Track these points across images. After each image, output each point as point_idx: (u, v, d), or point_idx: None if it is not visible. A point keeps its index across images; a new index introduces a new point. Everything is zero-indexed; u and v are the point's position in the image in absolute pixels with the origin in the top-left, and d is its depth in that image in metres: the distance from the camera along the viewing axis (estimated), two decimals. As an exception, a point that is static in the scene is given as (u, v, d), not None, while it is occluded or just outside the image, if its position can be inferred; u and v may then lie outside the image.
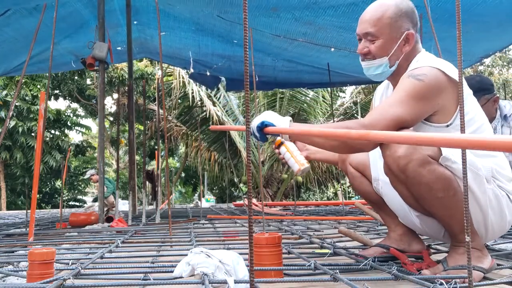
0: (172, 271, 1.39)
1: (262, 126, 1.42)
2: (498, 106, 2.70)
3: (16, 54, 5.51)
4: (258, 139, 1.46)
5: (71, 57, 5.99)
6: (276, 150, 1.62)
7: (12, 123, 12.82)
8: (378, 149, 1.43)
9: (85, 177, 8.70)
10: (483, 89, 2.56)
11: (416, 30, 1.53)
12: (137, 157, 9.27)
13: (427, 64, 1.42)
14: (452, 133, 1.36)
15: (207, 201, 12.76)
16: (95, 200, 9.05)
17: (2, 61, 5.81)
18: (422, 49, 1.56)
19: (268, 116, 1.46)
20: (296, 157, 1.54)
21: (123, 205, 7.36)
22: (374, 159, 1.67)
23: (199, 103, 11.53)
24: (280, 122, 1.44)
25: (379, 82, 1.78)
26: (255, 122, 1.44)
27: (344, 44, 5.15)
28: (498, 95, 2.67)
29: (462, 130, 0.93)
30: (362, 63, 1.57)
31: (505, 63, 18.16)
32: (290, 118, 1.48)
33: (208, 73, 6.77)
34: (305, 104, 12.27)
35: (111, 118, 15.22)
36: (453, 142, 0.56)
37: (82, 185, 19.06)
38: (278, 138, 1.59)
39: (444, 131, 1.41)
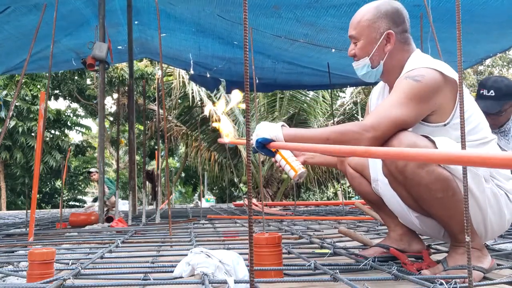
0: (172, 271, 1.39)
1: (260, 145, 1.41)
2: None
3: (17, 52, 5.52)
4: (265, 155, 1.49)
5: (71, 55, 6.00)
6: (272, 158, 1.61)
7: (12, 123, 12.83)
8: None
9: (91, 170, 8.68)
10: (511, 94, 2.52)
11: (402, 31, 1.54)
12: (137, 157, 9.26)
13: (423, 65, 1.43)
14: (452, 148, 1.36)
15: (207, 201, 12.75)
16: (95, 200, 9.06)
17: (3, 59, 5.81)
18: (417, 49, 1.57)
19: (260, 131, 1.43)
20: (291, 163, 1.54)
21: (123, 205, 7.36)
22: (373, 160, 1.68)
23: (199, 103, 11.54)
24: (272, 132, 1.41)
25: (375, 83, 1.79)
26: (252, 142, 1.43)
27: (345, 45, 5.13)
28: None
29: (463, 131, 0.93)
30: (353, 64, 1.64)
31: (505, 63, 18.17)
32: (283, 123, 1.48)
33: (208, 75, 6.78)
34: (305, 104, 12.27)
35: (111, 118, 15.23)
36: (454, 158, 0.56)
37: (82, 185, 19.06)
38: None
39: (442, 131, 1.42)
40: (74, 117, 15.35)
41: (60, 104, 33.11)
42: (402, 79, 1.43)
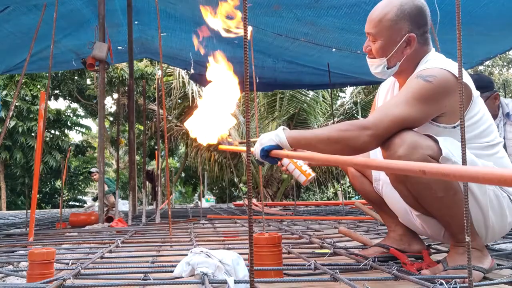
0: (172, 271, 1.39)
1: (265, 154, 1.40)
2: (500, 103, 2.68)
3: (17, 52, 5.52)
4: (270, 163, 1.44)
5: (72, 55, 6.00)
6: (279, 163, 1.59)
7: (12, 123, 12.83)
8: (379, 149, 1.43)
9: (92, 170, 8.66)
10: (481, 87, 2.55)
11: (423, 32, 1.51)
12: (137, 157, 9.25)
13: (436, 65, 1.41)
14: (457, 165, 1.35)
15: (207, 201, 12.73)
16: (95, 199, 9.05)
17: (3, 58, 5.80)
18: (432, 48, 1.54)
19: (264, 139, 1.43)
20: (301, 167, 1.49)
21: (123, 205, 7.36)
22: (376, 158, 1.67)
23: (199, 103, 11.52)
24: (275, 137, 1.41)
25: (381, 81, 1.78)
26: (256, 152, 1.42)
27: (345, 45, 5.14)
28: (497, 92, 2.65)
29: (463, 132, 0.93)
30: (367, 59, 1.59)
31: (505, 63, 18.17)
32: (284, 127, 1.46)
33: (208, 74, 6.77)
34: (305, 104, 12.27)
35: (111, 118, 15.23)
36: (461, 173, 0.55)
37: (82, 185, 19.05)
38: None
39: (452, 132, 1.41)
40: (74, 117, 15.35)
41: (60, 104, 33.13)
42: (413, 78, 1.41)
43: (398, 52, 1.50)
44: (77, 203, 18.07)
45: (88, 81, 13.95)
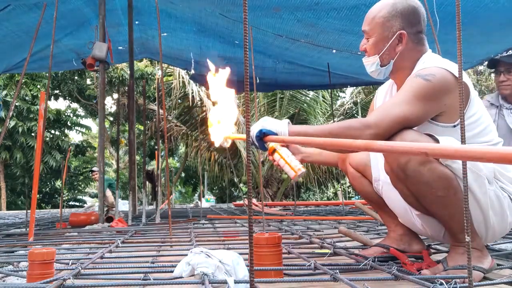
0: (172, 271, 1.39)
1: (261, 135, 1.39)
2: None
3: (17, 51, 5.50)
4: (258, 148, 1.44)
5: (72, 55, 5.98)
6: (270, 157, 1.60)
7: (12, 123, 12.83)
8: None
9: (93, 169, 8.66)
10: None
11: (416, 31, 1.53)
12: (137, 157, 9.26)
13: (435, 64, 1.42)
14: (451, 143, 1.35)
15: (207, 201, 12.75)
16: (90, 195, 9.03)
17: (3, 57, 5.79)
18: (429, 49, 1.56)
19: (266, 123, 1.42)
20: (290, 163, 1.51)
21: (123, 205, 7.36)
22: (375, 159, 1.67)
23: (199, 103, 11.54)
24: (278, 127, 1.41)
25: (381, 82, 1.78)
26: (254, 130, 1.41)
27: (345, 47, 5.14)
28: None
29: (463, 131, 0.93)
30: (363, 60, 1.62)
31: (505, 64, 18.13)
32: (288, 121, 1.46)
33: (209, 74, 6.77)
34: (305, 104, 12.28)
35: (111, 118, 15.22)
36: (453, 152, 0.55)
37: (82, 185, 19.06)
38: (271, 145, 1.55)
39: (451, 131, 1.41)
40: (74, 117, 15.36)
41: (60, 104, 33.05)
42: (412, 77, 1.43)
43: (390, 49, 1.52)
44: (77, 203, 18.08)
45: (88, 81, 13.94)
